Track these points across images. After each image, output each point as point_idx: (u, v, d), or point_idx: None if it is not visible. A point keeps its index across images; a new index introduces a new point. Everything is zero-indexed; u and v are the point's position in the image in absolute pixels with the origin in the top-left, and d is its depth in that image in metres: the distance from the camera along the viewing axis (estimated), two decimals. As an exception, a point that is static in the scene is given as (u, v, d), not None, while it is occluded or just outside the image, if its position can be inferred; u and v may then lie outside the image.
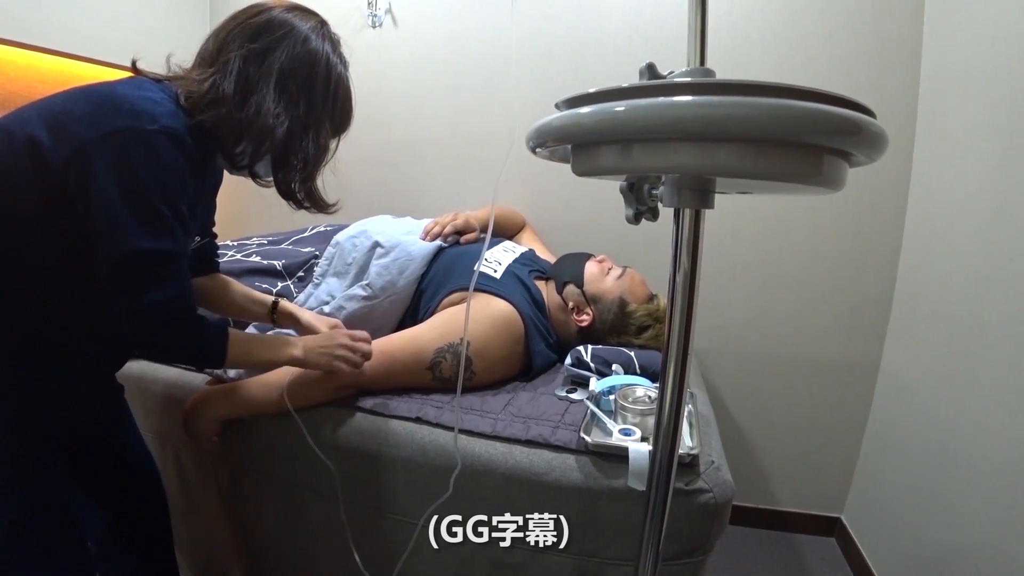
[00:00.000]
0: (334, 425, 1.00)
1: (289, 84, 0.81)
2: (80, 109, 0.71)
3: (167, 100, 0.76)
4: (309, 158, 0.84)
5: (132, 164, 0.70)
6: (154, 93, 0.75)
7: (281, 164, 0.84)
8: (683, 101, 0.39)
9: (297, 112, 0.82)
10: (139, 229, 0.70)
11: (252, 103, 0.78)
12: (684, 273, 0.50)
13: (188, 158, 0.75)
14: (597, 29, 1.72)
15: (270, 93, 0.79)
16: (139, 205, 0.70)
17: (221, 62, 0.79)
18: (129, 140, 0.70)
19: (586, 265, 1.33)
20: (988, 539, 1.11)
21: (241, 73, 0.79)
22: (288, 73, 0.81)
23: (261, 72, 0.79)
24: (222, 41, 0.81)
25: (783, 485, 1.82)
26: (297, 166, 0.84)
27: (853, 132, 0.39)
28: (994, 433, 1.13)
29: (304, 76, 0.82)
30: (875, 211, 1.61)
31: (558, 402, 1.04)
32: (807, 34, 1.57)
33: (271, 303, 1.09)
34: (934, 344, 1.40)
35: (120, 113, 0.70)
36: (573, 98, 0.43)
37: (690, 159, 0.40)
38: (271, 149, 0.82)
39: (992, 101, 1.23)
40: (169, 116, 0.73)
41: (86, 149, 0.69)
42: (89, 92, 0.74)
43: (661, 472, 0.56)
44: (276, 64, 0.80)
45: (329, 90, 0.85)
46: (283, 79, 0.80)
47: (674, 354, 0.51)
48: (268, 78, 0.79)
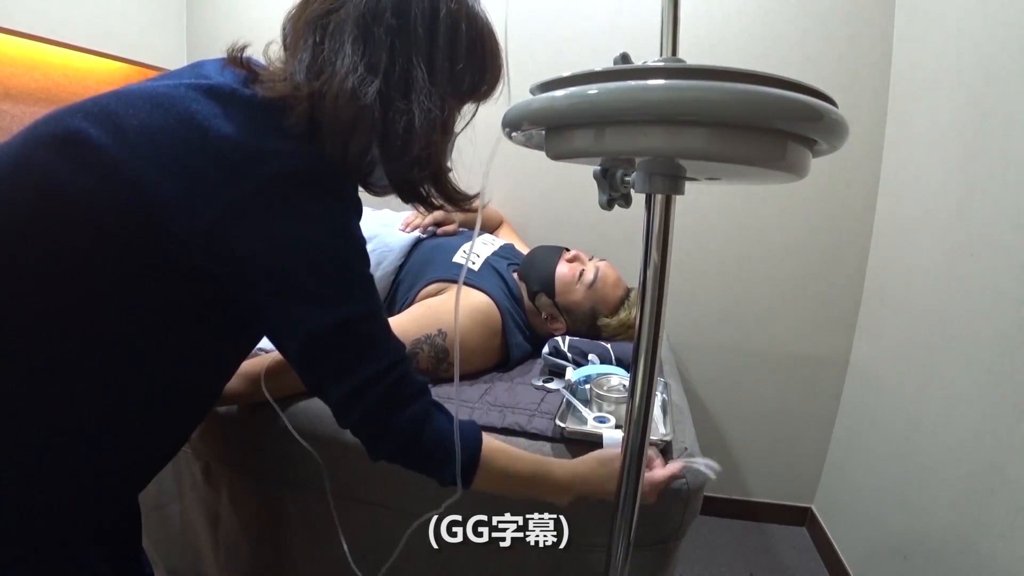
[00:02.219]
0: (310, 414, 0.99)
1: (373, 28, 0.56)
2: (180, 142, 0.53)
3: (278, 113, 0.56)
4: (422, 131, 0.57)
5: (303, 212, 0.56)
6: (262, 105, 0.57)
7: (386, 149, 0.58)
8: (653, 84, 0.40)
9: (391, 61, 0.56)
10: (330, 298, 0.57)
11: (326, 69, 0.55)
12: (655, 261, 0.51)
13: (349, 195, 0.61)
14: (578, 25, 1.74)
15: (347, 44, 0.55)
16: (321, 267, 0.57)
17: (293, 47, 0.59)
18: (287, 186, 0.54)
19: (557, 269, 1.28)
20: (950, 526, 1.15)
21: (314, 37, 0.57)
22: (371, 15, 0.56)
23: (333, 31, 0.56)
24: (292, 20, 0.60)
25: (755, 476, 1.86)
26: (412, 147, 0.58)
27: (815, 118, 0.41)
28: (955, 424, 1.17)
29: (396, 10, 0.56)
30: (846, 208, 1.65)
31: (535, 391, 1.05)
32: (781, 35, 1.61)
33: None
34: (900, 338, 1.44)
35: (264, 154, 0.54)
36: (547, 82, 0.44)
37: (659, 142, 0.41)
38: (365, 125, 0.55)
39: (957, 103, 1.27)
40: (300, 144, 0.56)
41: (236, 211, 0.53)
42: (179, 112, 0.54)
43: (632, 457, 0.57)
44: (352, 13, 0.56)
45: (439, 25, 0.58)
46: (364, 25, 0.56)
47: (646, 334, 0.52)
48: (341, 33, 0.56)
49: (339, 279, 0.57)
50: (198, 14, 2.04)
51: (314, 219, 0.55)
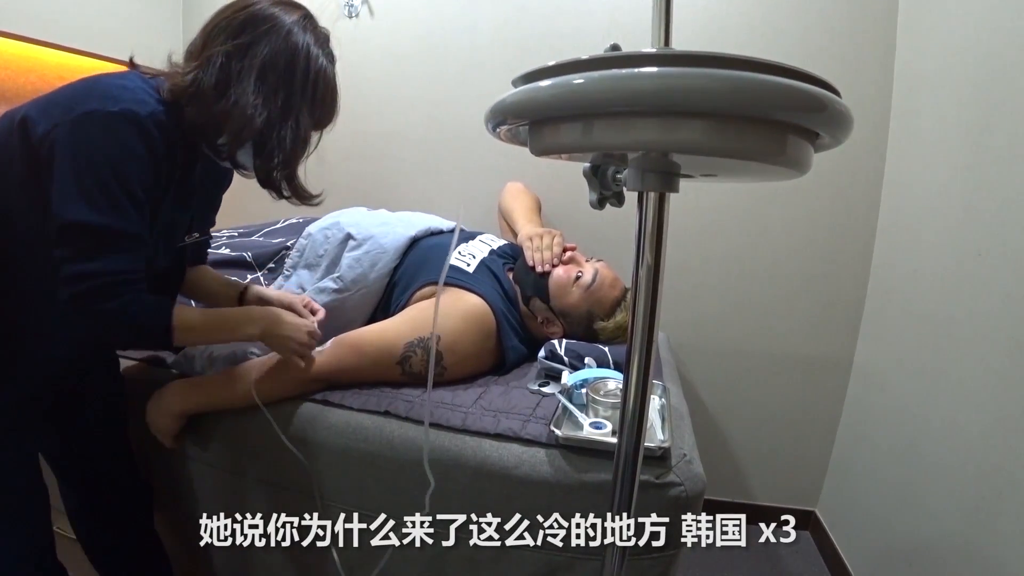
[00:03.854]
0: (301, 419, 0.98)
1: (269, 76, 0.82)
2: (64, 93, 0.78)
3: (144, 90, 0.79)
4: (288, 148, 0.85)
5: (89, 142, 0.74)
6: (132, 82, 0.80)
7: (261, 153, 0.85)
8: (644, 72, 0.37)
9: (276, 103, 0.83)
10: (81, 202, 0.73)
11: (232, 95, 0.81)
12: (648, 262, 0.49)
13: (147, 143, 0.77)
14: (574, 22, 1.71)
15: (250, 85, 0.81)
16: (86, 180, 0.73)
17: (205, 56, 0.82)
18: (91, 120, 0.74)
19: (552, 271, 1.26)
20: (955, 530, 1.13)
21: (223, 67, 0.81)
22: (269, 66, 0.82)
23: (243, 66, 0.81)
24: (207, 36, 0.83)
25: (758, 479, 1.83)
26: (277, 156, 0.85)
27: (818, 108, 0.38)
28: (961, 427, 1.15)
29: (284, 68, 0.83)
30: (849, 207, 1.62)
31: (530, 396, 1.03)
32: (782, 30, 1.58)
33: (242, 288, 1.10)
34: (905, 339, 1.42)
35: (92, 97, 0.75)
36: (530, 73, 0.42)
37: (652, 135, 0.39)
38: (250, 138, 0.83)
39: (962, 99, 1.24)
40: (135, 102, 0.76)
41: (57, 127, 0.74)
42: (81, 81, 0.80)
43: (626, 463, 0.55)
44: (258, 57, 0.82)
45: (308, 81, 0.86)
46: (263, 71, 0.82)
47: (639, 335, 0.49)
48: (250, 71, 0.81)
49: (102, 193, 0.74)
50: (194, 17, 2.03)
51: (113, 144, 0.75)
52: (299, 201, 0.92)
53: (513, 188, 1.68)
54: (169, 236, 0.93)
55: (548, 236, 1.33)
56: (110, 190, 0.74)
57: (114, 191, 0.75)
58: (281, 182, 0.88)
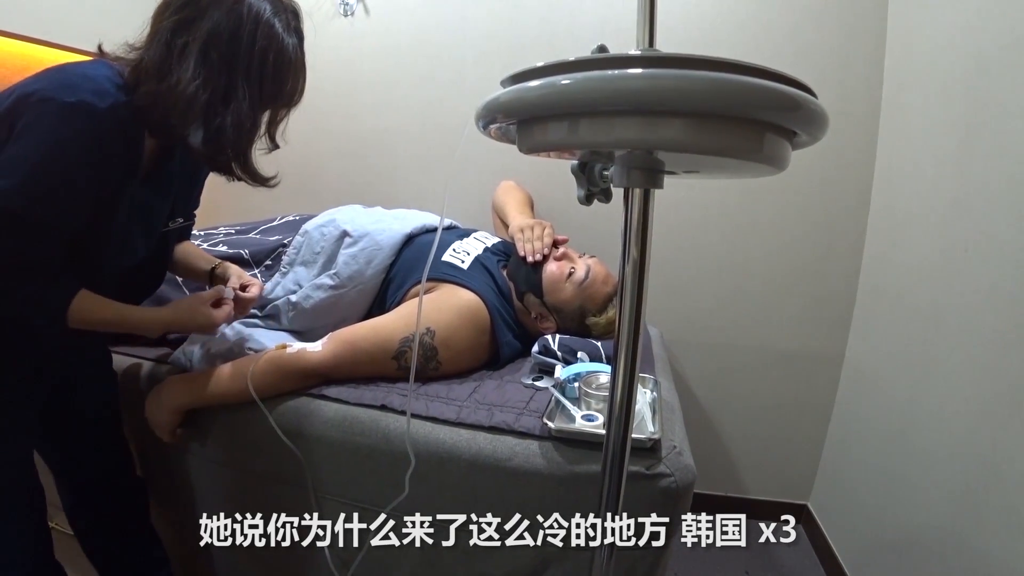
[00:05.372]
0: (298, 413, 0.99)
1: (211, 51, 0.77)
2: (31, 79, 0.75)
3: (107, 78, 0.76)
4: (231, 128, 0.80)
5: (40, 129, 0.72)
6: (97, 71, 0.77)
7: (207, 136, 0.81)
8: (628, 73, 0.39)
9: (220, 80, 0.78)
10: (10, 184, 0.71)
11: (174, 73, 0.76)
12: (634, 257, 0.50)
13: (99, 135, 0.74)
14: (568, 22, 1.72)
15: (191, 61, 0.76)
16: (21, 164, 0.71)
17: (151, 35, 0.79)
18: (47, 108, 0.72)
19: (545, 268, 1.27)
20: (945, 521, 1.15)
21: (167, 44, 0.77)
22: (212, 40, 0.77)
23: (186, 41, 0.77)
24: (156, 14, 0.80)
25: (750, 473, 1.85)
26: (225, 138, 0.80)
27: (792, 108, 0.39)
28: (951, 420, 1.17)
29: (227, 41, 0.78)
30: (840, 203, 1.64)
31: (524, 390, 1.04)
32: (772, 28, 1.60)
33: (213, 265, 1.11)
34: (895, 334, 1.43)
35: (52, 85, 0.73)
36: (519, 73, 0.43)
37: (635, 133, 0.40)
38: (196, 118, 0.78)
39: (951, 96, 1.26)
40: (95, 92, 0.74)
41: (15, 109, 0.73)
42: (49, 68, 0.77)
43: (615, 452, 0.56)
44: (201, 31, 0.77)
45: (255, 55, 0.80)
46: (206, 46, 0.77)
47: (626, 328, 0.51)
48: (192, 47, 0.77)
49: (35, 180, 0.72)
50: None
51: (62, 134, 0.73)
52: (253, 183, 0.88)
53: (506, 185, 1.69)
54: (147, 222, 0.92)
55: (539, 227, 1.35)
56: (44, 179, 0.72)
57: (52, 180, 0.73)
58: (231, 163, 0.84)
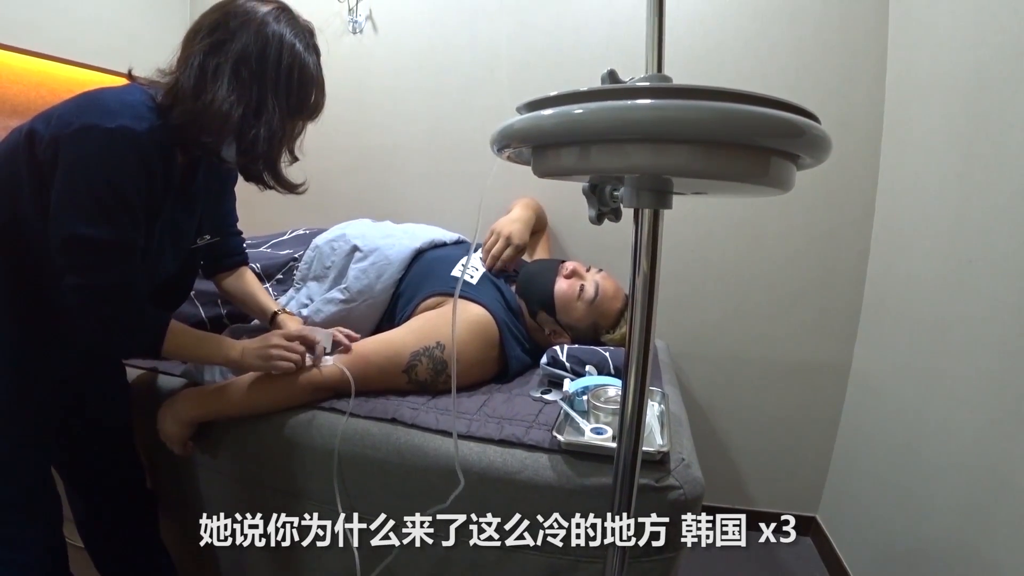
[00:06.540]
0: (309, 426, 1.00)
1: (243, 70, 0.83)
2: (67, 106, 0.80)
3: (143, 103, 0.82)
4: (267, 140, 0.86)
5: (86, 156, 0.76)
6: (132, 96, 0.82)
7: (241, 148, 0.87)
8: (638, 104, 0.41)
9: (251, 96, 0.84)
10: (80, 215, 0.77)
11: (209, 93, 0.82)
12: (644, 270, 0.52)
13: (142, 158, 0.80)
14: (574, 39, 1.75)
15: (225, 81, 0.82)
16: (83, 193, 0.77)
17: (183, 58, 0.84)
18: (89, 135, 0.76)
19: (556, 286, 1.28)
20: (953, 532, 1.14)
21: (201, 67, 0.82)
22: (242, 59, 0.83)
23: (218, 62, 0.82)
24: (187, 38, 0.86)
25: (759, 485, 1.85)
26: (257, 148, 0.86)
27: (797, 135, 0.41)
28: (957, 430, 1.17)
29: (257, 60, 0.84)
30: (844, 216, 1.65)
31: (532, 403, 1.05)
32: (776, 44, 1.61)
33: (272, 313, 1.15)
34: (901, 345, 1.44)
35: (91, 112, 0.77)
36: (534, 101, 0.45)
37: (645, 160, 0.42)
38: (230, 133, 0.84)
39: (952, 110, 1.27)
40: (134, 118, 0.78)
41: (58, 141, 0.77)
42: (83, 94, 0.82)
43: (625, 465, 0.58)
44: (232, 52, 0.83)
45: (281, 72, 0.86)
46: (237, 66, 0.83)
47: (636, 344, 0.52)
48: (224, 67, 0.82)
49: (98, 206, 0.77)
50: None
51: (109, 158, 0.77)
52: (283, 191, 0.94)
53: (522, 201, 1.69)
54: (176, 239, 0.96)
55: (503, 243, 1.38)
56: (105, 203, 0.77)
57: (108, 203, 0.77)
58: (263, 173, 0.90)
